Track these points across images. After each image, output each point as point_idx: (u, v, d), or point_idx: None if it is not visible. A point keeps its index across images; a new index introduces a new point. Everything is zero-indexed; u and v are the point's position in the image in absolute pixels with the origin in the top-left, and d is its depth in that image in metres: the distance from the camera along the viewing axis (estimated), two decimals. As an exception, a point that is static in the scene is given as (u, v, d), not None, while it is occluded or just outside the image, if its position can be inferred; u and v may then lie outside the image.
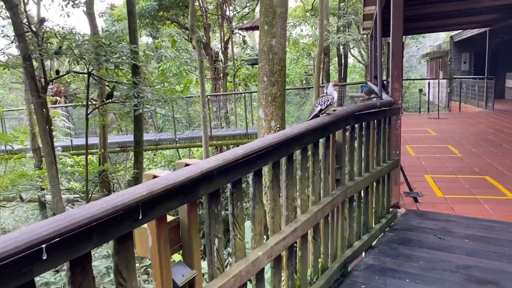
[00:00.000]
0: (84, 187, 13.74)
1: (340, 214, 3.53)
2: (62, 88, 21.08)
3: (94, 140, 14.48)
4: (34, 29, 8.07)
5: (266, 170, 2.63)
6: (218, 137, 16.13)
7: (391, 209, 4.88)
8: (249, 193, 2.46)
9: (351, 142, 3.65)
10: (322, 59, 23.84)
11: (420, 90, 18.51)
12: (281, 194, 2.68)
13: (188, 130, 17.43)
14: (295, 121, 22.34)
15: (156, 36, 26.45)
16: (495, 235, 4.42)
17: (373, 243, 4.30)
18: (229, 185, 2.20)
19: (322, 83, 23.24)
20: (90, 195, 11.59)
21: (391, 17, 5.25)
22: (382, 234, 4.52)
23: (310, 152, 3.00)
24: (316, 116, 2.98)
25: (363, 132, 3.87)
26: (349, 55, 27.64)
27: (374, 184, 4.29)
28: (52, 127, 15.91)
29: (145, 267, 6.05)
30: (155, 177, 1.73)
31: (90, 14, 10.68)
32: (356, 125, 3.74)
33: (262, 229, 2.46)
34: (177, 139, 15.49)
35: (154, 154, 23.27)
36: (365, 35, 21.25)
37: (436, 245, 4.24)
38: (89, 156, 20.08)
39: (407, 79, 24.91)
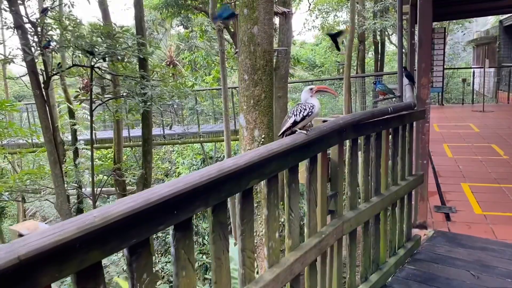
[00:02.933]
0: (102, 181, 13.45)
1: (335, 254, 2.69)
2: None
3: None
4: (33, 20, 7.55)
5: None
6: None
7: (413, 235, 3.96)
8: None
9: (352, 160, 2.79)
10: (357, 47, 22.53)
11: (464, 80, 16.97)
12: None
13: (214, 123, 16.81)
14: (328, 112, 21.22)
15: (187, 26, 25.89)
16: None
17: (387, 281, 3.43)
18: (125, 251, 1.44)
19: (357, 73, 21.99)
20: (100, 189, 11.20)
21: (418, -3, 4.27)
22: (400, 267, 3.64)
23: (284, 181, 2.19)
24: (290, 131, 2.15)
25: (370, 146, 2.99)
26: (388, 42, 26.04)
27: (390, 208, 3.40)
28: (75, 120, 15.76)
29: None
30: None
31: (103, 6, 10.12)
32: (361, 137, 2.87)
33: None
34: (200, 133, 14.86)
35: (184, 148, 22.89)
36: (405, 21, 19.77)
37: (468, 286, 3.33)
38: (107, 151, 19.90)
39: (449, 68, 23.15)
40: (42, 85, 7.91)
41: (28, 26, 7.67)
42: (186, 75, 24.35)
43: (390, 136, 3.36)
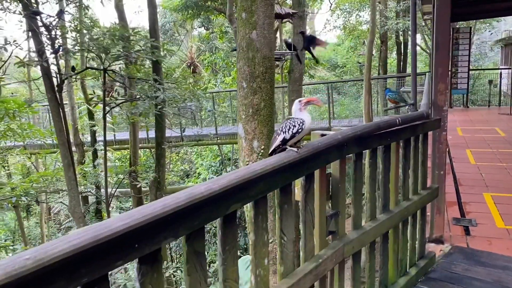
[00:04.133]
0: (120, 182, 13.48)
1: (336, 279, 2.48)
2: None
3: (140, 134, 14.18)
4: (47, 22, 7.54)
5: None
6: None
7: (427, 252, 3.70)
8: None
9: (356, 176, 2.57)
10: (379, 48, 22.02)
11: (490, 82, 16.34)
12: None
13: (232, 124, 16.68)
14: (349, 114, 20.79)
15: (208, 27, 25.86)
16: None
17: (397, 303, 3.19)
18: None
19: (379, 74, 21.49)
20: (115, 190, 11.19)
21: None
22: None
23: (276, 202, 2.00)
24: (280, 149, 1.96)
25: (377, 159, 2.77)
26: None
27: (400, 225, 3.16)
28: (94, 122, 15.89)
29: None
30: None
31: (118, 8, 10.11)
32: (366, 150, 2.65)
33: None
34: (217, 135, 14.73)
35: (203, 149, 22.86)
36: (429, 21, 19.23)
37: (487, 311, 3.06)
38: (127, 152, 20.03)
39: (475, 69, 22.41)
40: (56, 88, 7.90)
41: (43, 29, 7.68)
42: (206, 76, 24.34)
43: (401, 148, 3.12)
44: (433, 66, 4.15)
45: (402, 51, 20.86)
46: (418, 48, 29.89)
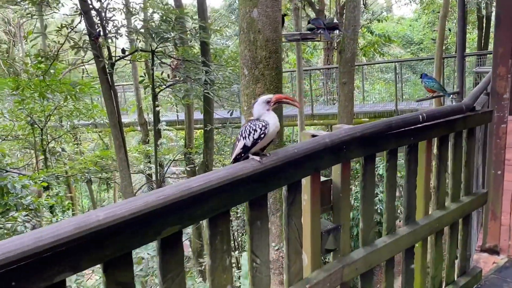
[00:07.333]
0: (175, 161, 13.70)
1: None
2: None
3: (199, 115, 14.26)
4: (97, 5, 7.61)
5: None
6: (321, 115, 14.64)
7: (472, 267, 3.14)
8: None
9: (366, 182, 2.13)
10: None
11: None
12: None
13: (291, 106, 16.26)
14: (423, 96, 19.27)
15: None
16: None
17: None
18: None
19: (456, 52, 19.66)
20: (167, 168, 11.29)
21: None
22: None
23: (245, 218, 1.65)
24: (244, 157, 1.59)
25: (396, 161, 2.29)
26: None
27: (433, 237, 2.66)
28: (157, 102, 16.27)
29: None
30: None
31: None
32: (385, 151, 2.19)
33: None
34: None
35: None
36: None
37: None
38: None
39: None
40: (108, 70, 7.99)
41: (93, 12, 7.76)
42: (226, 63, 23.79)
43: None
44: (493, 46, 3.48)
45: (484, 26, 18.88)
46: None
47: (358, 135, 1.84)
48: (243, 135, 1.56)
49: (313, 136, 1.87)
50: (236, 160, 1.62)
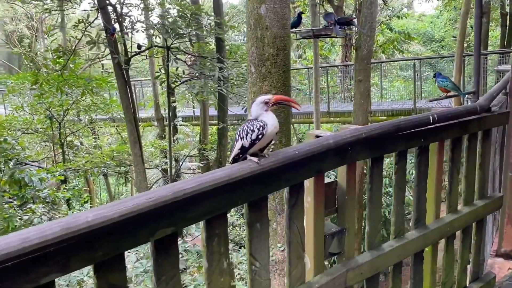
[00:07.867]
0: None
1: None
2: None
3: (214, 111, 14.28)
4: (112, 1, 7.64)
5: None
6: (337, 113, 14.50)
7: (485, 273, 3.04)
8: None
9: (373, 185, 2.07)
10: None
11: None
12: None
13: (309, 103, 16.14)
14: (428, 96, 18.84)
15: (293, 1, 25.11)
16: None
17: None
18: None
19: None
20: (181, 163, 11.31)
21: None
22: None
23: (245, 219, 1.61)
24: (242, 157, 1.55)
25: (406, 163, 2.22)
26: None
27: (444, 240, 2.58)
28: (173, 98, 16.35)
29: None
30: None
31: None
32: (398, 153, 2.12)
33: None
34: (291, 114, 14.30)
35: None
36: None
37: None
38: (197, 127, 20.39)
39: None
40: (123, 66, 8.03)
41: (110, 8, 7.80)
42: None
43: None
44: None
45: (508, 23, 18.37)
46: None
47: (363, 136, 1.78)
48: (241, 136, 1.52)
49: (317, 136, 1.81)
50: (234, 160, 1.58)
